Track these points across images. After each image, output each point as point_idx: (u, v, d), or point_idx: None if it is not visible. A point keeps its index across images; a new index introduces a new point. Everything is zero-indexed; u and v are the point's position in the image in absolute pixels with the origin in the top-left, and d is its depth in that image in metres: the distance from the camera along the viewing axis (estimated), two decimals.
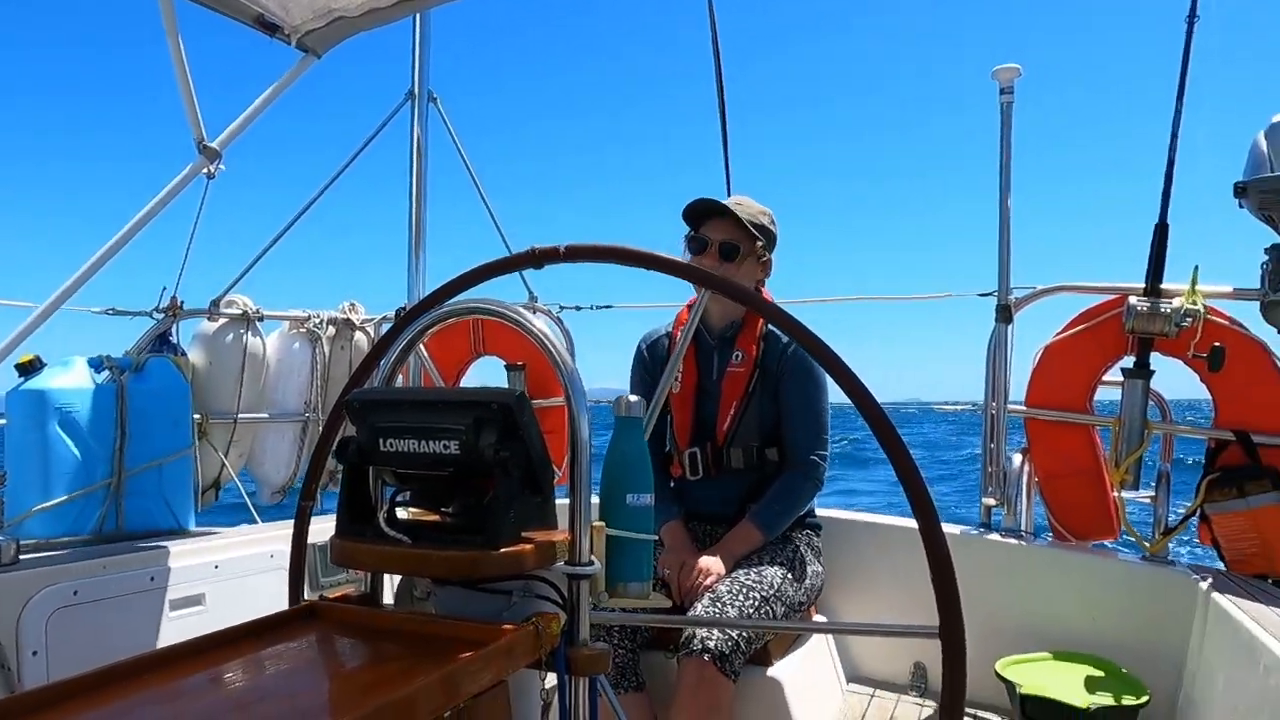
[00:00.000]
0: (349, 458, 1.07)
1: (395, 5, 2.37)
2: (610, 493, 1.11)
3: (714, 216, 2.15)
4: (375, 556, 1.05)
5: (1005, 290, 2.71)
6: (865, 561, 2.61)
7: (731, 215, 2.12)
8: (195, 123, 2.33)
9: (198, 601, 2.15)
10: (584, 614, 1.06)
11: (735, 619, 1.82)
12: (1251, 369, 2.31)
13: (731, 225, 2.13)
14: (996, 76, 2.70)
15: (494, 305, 1.16)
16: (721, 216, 2.14)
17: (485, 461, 0.99)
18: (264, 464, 3.19)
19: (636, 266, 1.18)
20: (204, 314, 2.94)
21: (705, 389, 2.23)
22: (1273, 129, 2.28)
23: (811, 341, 1.10)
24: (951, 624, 0.99)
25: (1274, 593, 2.03)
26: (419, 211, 3.26)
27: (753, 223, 2.13)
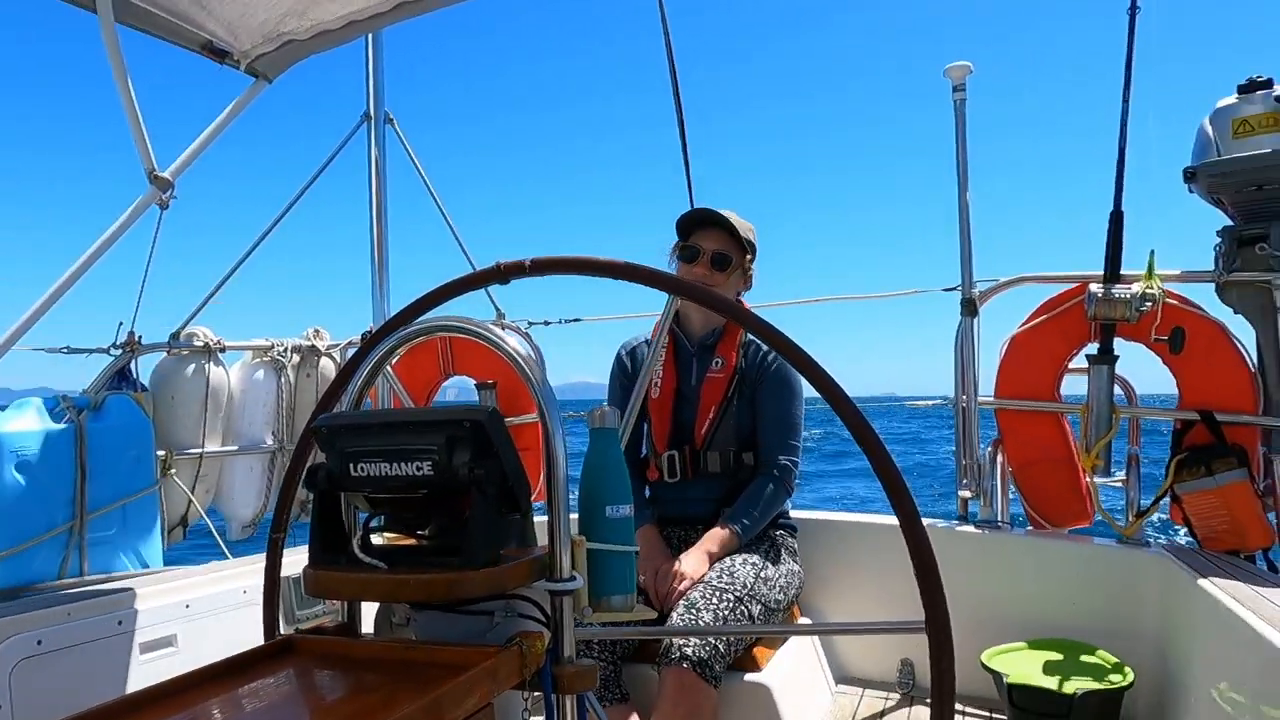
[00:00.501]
0: (319, 485, 1.05)
1: (345, 27, 2.35)
2: (589, 506, 1.09)
3: (706, 226, 2.18)
4: (351, 584, 1.02)
5: (969, 284, 2.74)
6: (845, 560, 2.61)
7: (724, 226, 2.16)
8: (145, 152, 2.28)
9: (169, 643, 2.09)
10: (568, 631, 1.04)
11: (713, 624, 1.82)
12: (1211, 349, 2.35)
13: (723, 236, 2.17)
14: (949, 74, 2.73)
15: (463, 322, 1.14)
16: (714, 227, 2.17)
17: (460, 481, 0.97)
18: (232, 498, 3.12)
19: (604, 276, 1.17)
20: (163, 348, 2.87)
21: (684, 394, 2.24)
22: (1217, 114, 2.34)
23: (785, 344, 1.09)
24: (937, 618, 0.99)
25: (1246, 568, 2.06)
26: (380, 233, 3.23)
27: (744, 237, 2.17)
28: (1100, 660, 2.07)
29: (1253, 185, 2.26)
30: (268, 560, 1.35)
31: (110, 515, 2.33)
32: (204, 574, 2.32)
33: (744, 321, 1.13)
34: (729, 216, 2.18)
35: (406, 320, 1.22)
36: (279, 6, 2.22)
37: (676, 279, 1.23)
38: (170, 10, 2.21)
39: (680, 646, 1.77)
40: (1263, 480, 2.27)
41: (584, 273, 1.17)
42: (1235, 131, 2.28)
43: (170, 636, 2.10)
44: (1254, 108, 2.27)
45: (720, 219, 2.17)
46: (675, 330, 2.30)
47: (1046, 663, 2.07)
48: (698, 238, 2.18)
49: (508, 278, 1.21)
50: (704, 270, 2.15)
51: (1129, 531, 2.38)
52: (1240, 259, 2.29)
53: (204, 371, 2.92)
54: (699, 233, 2.19)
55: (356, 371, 1.21)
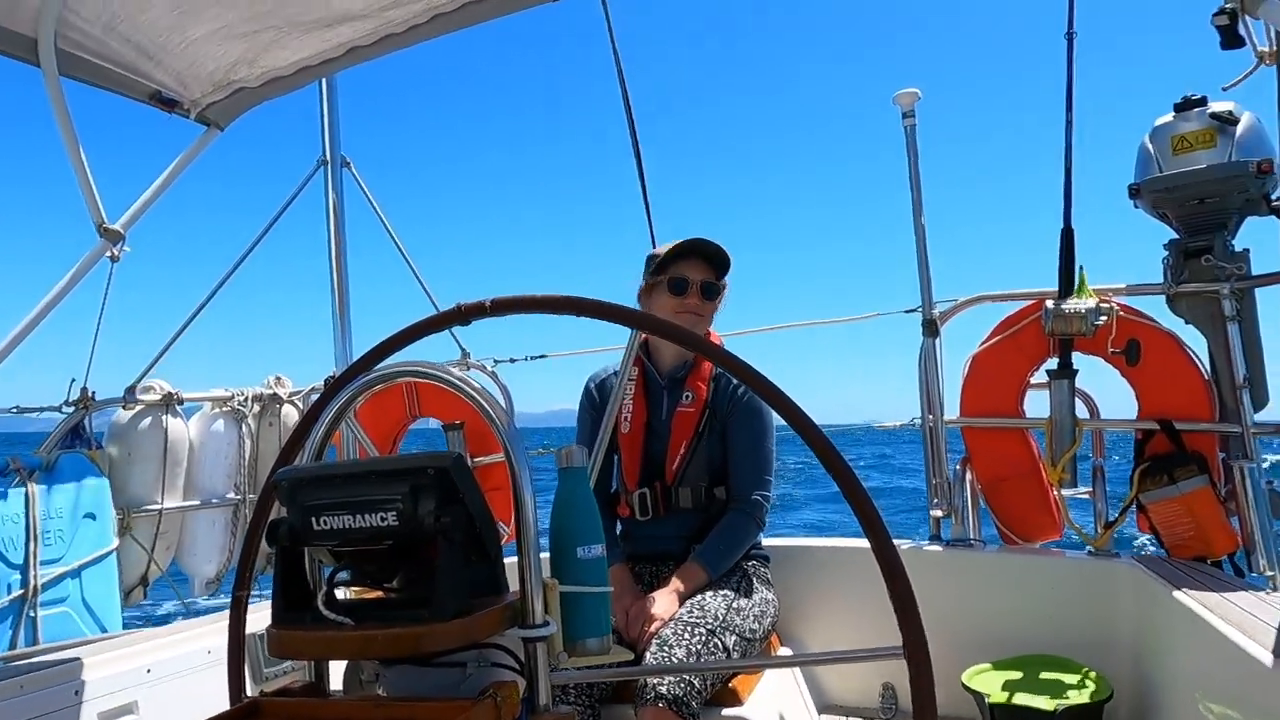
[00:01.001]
0: (280, 540, 1.02)
1: (298, 73, 2.34)
2: (560, 547, 1.07)
3: (688, 256, 2.16)
4: (315, 644, 0.98)
5: (929, 305, 2.78)
6: (821, 586, 2.60)
7: (708, 254, 2.15)
8: (94, 205, 2.24)
9: (129, 710, 2.00)
10: (543, 678, 1.01)
11: (686, 659, 1.79)
12: (1166, 360, 2.41)
13: (705, 265, 2.15)
14: (898, 101, 2.79)
15: (425, 367, 1.12)
16: (696, 256, 2.16)
17: (425, 530, 0.95)
18: (194, 554, 3.04)
19: (565, 314, 1.16)
20: (119, 403, 2.80)
21: (654, 429, 2.22)
22: (1156, 132, 2.42)
23: (750, 375, 1.09)
24: (914, 642, 0.98)
25: (1213, 574, 2.09)
26: (340, 277, 3.20)
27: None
28: (1079, 675, 2.07)
29: (1194, 199, 2.34)
30: (231, 619, 1.31)
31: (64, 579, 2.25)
32: (166, 635, 2.23)
33: (710, 354, 1.12)
34: (717, 245, 2.17)
35: (367, 367, 1.19)
36: (228, 55, 2.21)
37: (638, 313, 1.22)
38: (116, 62, 2.19)
39: (655, 686, 1.74)
40: (1224, 485, 2.31)
41: (545, 311, 1.16)
42: (1174, 148, 2.36)
43: (130, 704, 2.01)
44: (1190, 125, 2.35)
45: (710, 249, 2.16)
46: (645, 363, 2.28)
47: (1026, 680, 2.07)
48: (682, 268, 2.15)
49: (469, 319, 1.19)
50: (696, 300, 2.14)
51: (1099, 543, 2.41)
52: (1188, 271, 2.36)
53: (161, 425, 2.85)
54: (682, 263, 2.16)
55: (316, 422, 1.18)
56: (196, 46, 2.18)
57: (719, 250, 2.16)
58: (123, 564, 2.69)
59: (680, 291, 2.14)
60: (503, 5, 2.04)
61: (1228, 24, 1.38)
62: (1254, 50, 1.56)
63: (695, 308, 2.14)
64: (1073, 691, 1.97)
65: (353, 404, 1.18)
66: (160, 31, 2.09)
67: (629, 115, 3.01)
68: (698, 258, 2.16)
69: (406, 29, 2.12)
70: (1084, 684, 2.01)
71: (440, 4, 2.03)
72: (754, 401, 2.16)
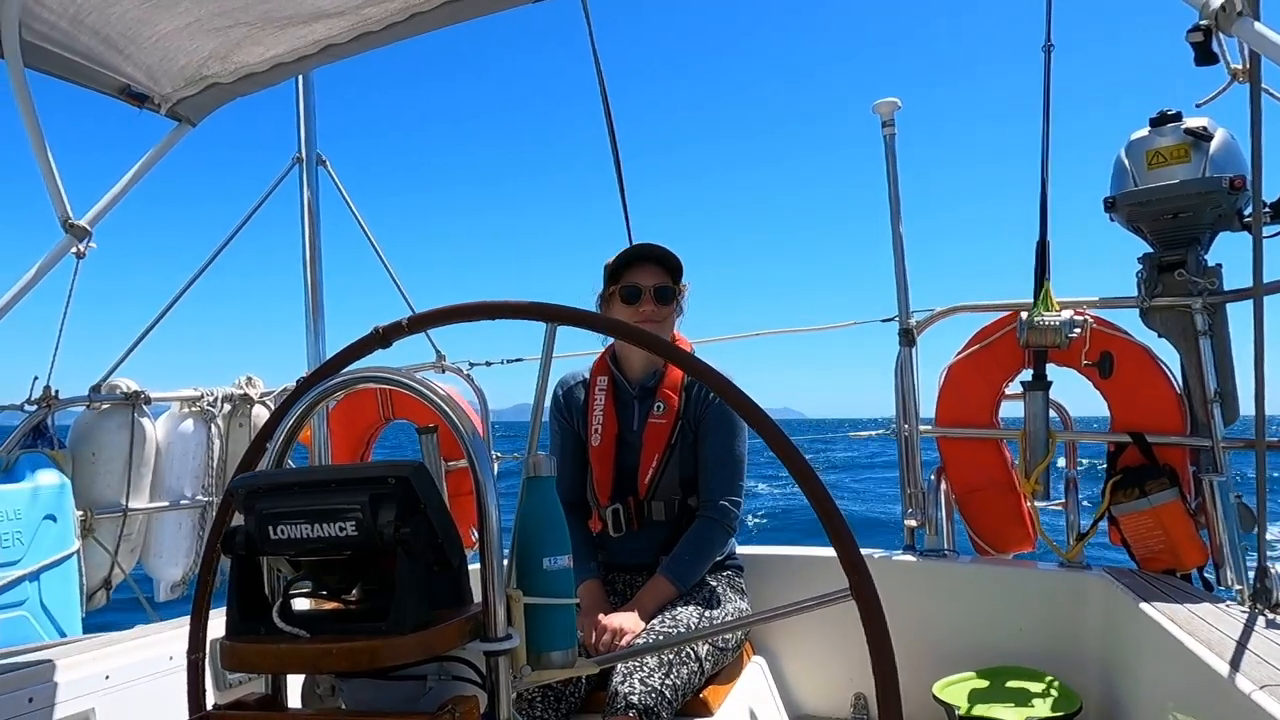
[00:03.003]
0: (235, 549, 0.99)
1: (271, 70, 2.30)
2: (525, 557, 1.05)
3: (640, 263, 2.13)
4: (269, 657, 0.96)
5: (905, 314, 2.78)
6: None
7: (658, 259, 2.12)
8: (59, 200, 2.19)
9: (86, 718, 1.96)
10: (505, 692, 0.99)
11: (658, 669, 1.77)
12: (1138, 373, 2.42)
13: (658, 270, 2.12)
14: (877, 110, 2.80)
15: (388, 373, 1.10)
16: (648, 261, 2.13)
17: (385, 540, 0.92)
18: (160, 557, 2.98)
19: (482, 319, 1.16)
20: (83, 401, 2.74)
21: (626, 441, 2.18)
22: (1131, 146, 2.44)
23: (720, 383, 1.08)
24: (883, 656, 0.97)
25: (1182, 588, 2.10)
26: (314, 276, 3.15)
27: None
28: (1048, 687, 2.07)
29: (1168, 213, 2.35)
30: (192, 624, 1.28)
31: (22, 582, 2.20)
32: (127, 641, 2.18)
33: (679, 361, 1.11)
34: (664, 248, 2.15)
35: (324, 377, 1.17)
36: (200, 50, 2.17)
37: (556, 307, 1.18)
38: (84, 55, 2.14)
39: (626, 695, 1.72)
40: (1194, 499, 2.33)
41: (466, 319, 1.16)
42: (1149, 162, 2.37)
43: (88, 711, 1.96)
44: (1165, 139, 2.37)
45: (657, 252, 2.13)
46: (614, 372, 2.25)
47: (996, 692, 2.07)
48: (634, 275, 2.12)
49: (389, 340, 1.19)
50: (651, 307, 2.10)
51: (1070, 555, 2.41)
52: (1161, 284, 2.37)
53: (128, 424, 2.79)
54: (633, 270, 2.13)
55: (278, 428, 1.16)
56: (167, 40, 2.13)
57: (666, 253, 2.13)
58: (85, 567, 2.63)
59: (633, 299, 2.11)
60: (481, 5, 2.02)
61: (1202, 40, 1.39)
62: (1227, 67, 1.57)
63: (651, 314, 2.09)
64: (1041, 703, 1.97)
65: (315, 410, 1.16)
66: (129, 24, 2.05)
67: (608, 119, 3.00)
68: (647, 263, 2.13)
69: (383, 27, 2.09)
70: (1053, 696, 2.01)
71: (417, 3, 2.00)
72: (724, 405, 2.13)
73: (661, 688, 1.75)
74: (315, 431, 3.04)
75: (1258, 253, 1.81)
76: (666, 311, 2.13)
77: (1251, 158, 1.74)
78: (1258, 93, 1.60)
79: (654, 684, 1.74)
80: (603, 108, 2.97)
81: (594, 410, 2.20)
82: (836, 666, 2.50)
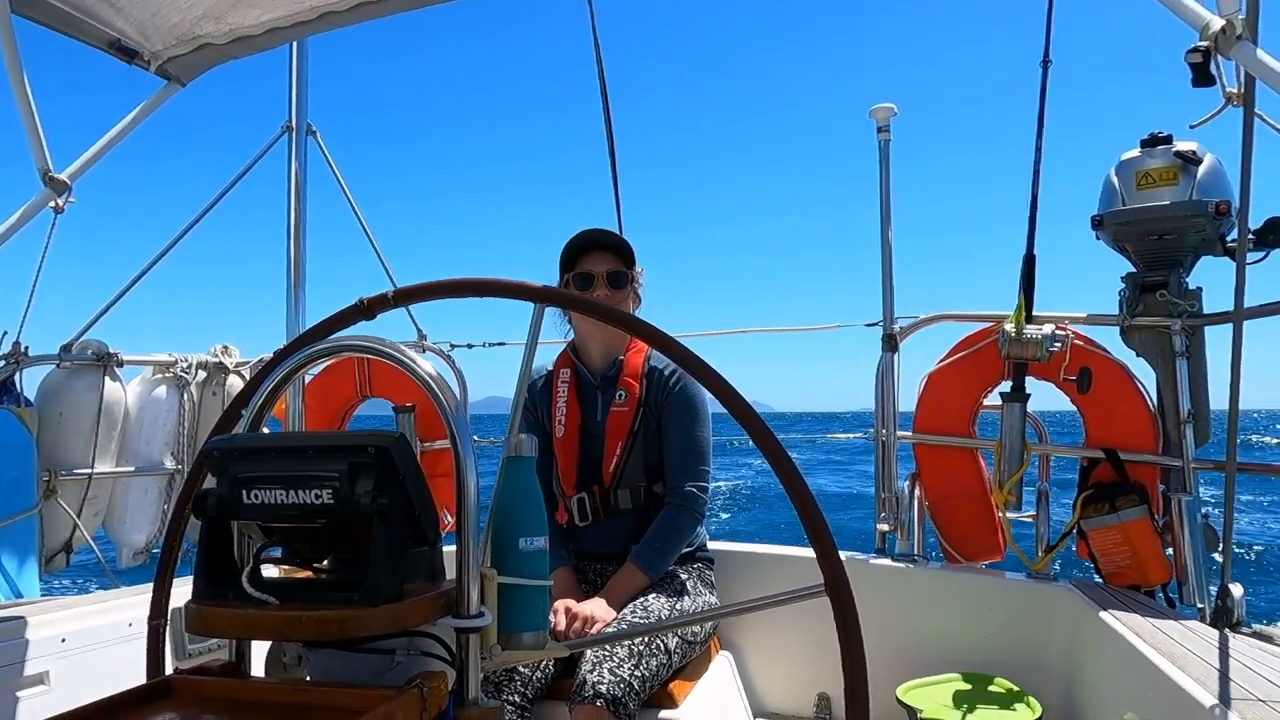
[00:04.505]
0: (207, 512, 0.97)
1: (266, 34, 2.26)
2: (501, 537, 1.04)
3: (590, 251, 2.13)
4: (237, 621, 0.94)
5: (890, 320, 2.79)
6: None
7: (608, 245, 2.13)
8: (40, 151, 2.14)
9: (40, 681, 1.92)
10: (474, 670, 0.98)
11: (628, 660, 1.77)
12: (1115, 390, 2.45)
13: (609, 256, 2.13)
14: (874, 115, 2.81)
15: (374, 343, 1.08)
16: (598, 249, 2.13)
17: (362, 511, 0.91)
18: (124, 522, 2.93)
19: (467, 296, 1.15)
20: (53, 360, 2.69)
21: (589, 431, 2.18)
22: (1121, 165, 2.46)
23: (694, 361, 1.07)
24: (852, 653, 0.97)
25: (1146, 603, 2.13)
26: (298, 248, 3.10)
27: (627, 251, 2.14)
28: (1010, 694, 2.09)
29: (1154, 234, 2.38)
30: (155, 590, 1.25)
31: None
32: (85, 605, 2.15)
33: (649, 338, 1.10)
34: (613, 233, 2.16)
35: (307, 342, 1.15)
36: (194, 8, 2.13)
37: (545, 288, 1.17)
38: (74, 4, 2.09)
39: (594, 684, 1.71)
40: (1161, 517, 2.36)
41: (451, 295, 1.15)
42: (1139, 183, 2.40)
43: (42, 674, 1.93)
44: (1155, 161, 2.39)
45: (608, 239, 2.14)
46: (576, 363, 2.24)
47: (959, 698, 2.08)
48: (586, 263, 2.12)
49: (373, 312, 1.17)
50: (605, 293, 2.10)
51: (1038, 566, 2.44)
52: (1143, 304, 2.40)
53: (97, 386, 2.74)
54: (584, 259, 2.13)
55: (256, 392, 1.14)
56: None
57: (617, 239, 2.14)
58: (46, 529, 2.59)
59: (586, 287, 2.11)
60: None
61: (1200, 61, 1.40)
62: (1223, 90, 1.58)
63: (605, 300, 2.09)
64: (1003, 711, 1.99)
65: (295, 376, 1.14)
66: None
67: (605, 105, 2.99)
68: (597, 250, 2.14)
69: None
70: (1015, 704, 2.03)
71: None
72: (686, 390, 2.14)
73: (630, 678, 1.74)
74: (290, 404, 3.00)
75: (1240, 277, 1.84)
76: (621, 296, 2.13)
77: (1241, 182, 1.76)
78: (1250, 117, 1.62)
79: (623, 674, 1.74)
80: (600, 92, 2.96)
81: (557, 402, 2.20)
82: (802, 666, 2.51)
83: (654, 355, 2.18)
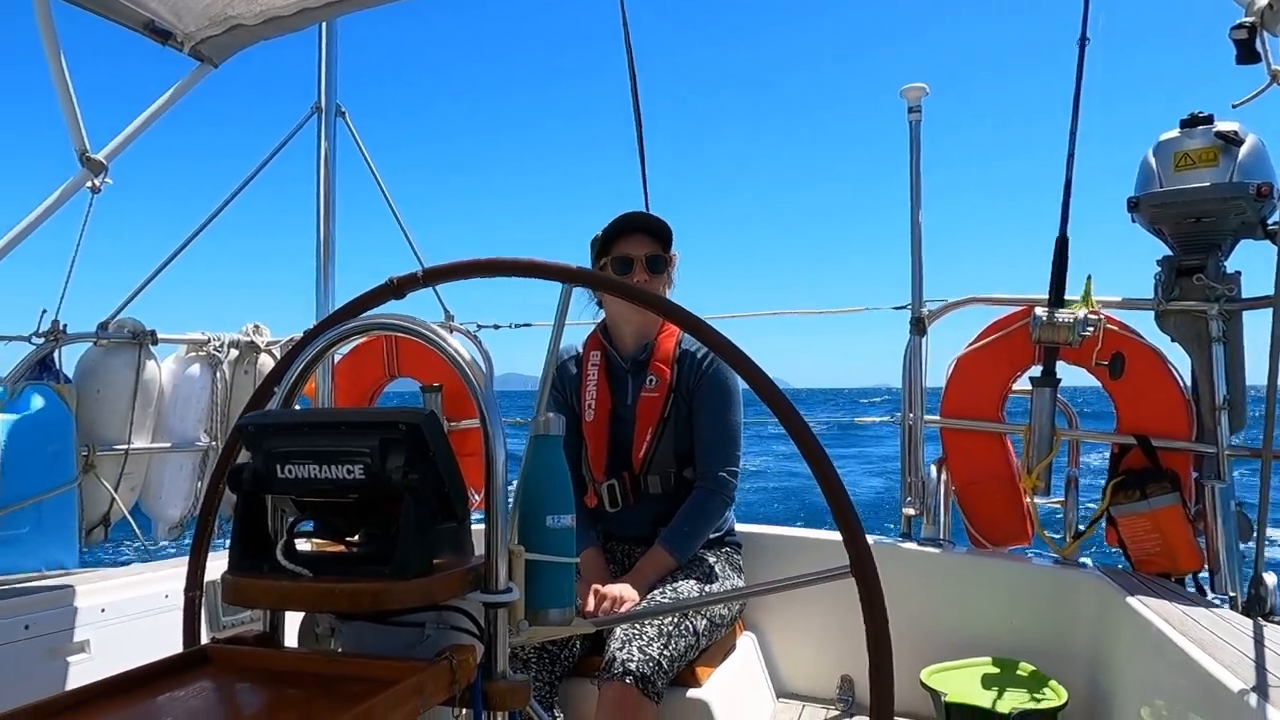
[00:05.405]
0: (242, 486, 0.99)
1: (298, 14, 2.27)
2: (528, 515, 1.05)
3: (628, 234, 2.12)
4: (272, 593, 0.96)
5: (919, 303, 2.77)
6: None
7: (650, 229, 2.11)
8: (77, 132, 2.18)
9: (82, 649, 1.98)
10: (502, 644, 1.00)
11: (657, 639, 1.78)
12: (1149, 376, 2.41)
13: (647, 239, 2.11)
14: (905, 95, 2.76)
15: (404, 321, 1.10)
16: (636, 231, 2.12)
17: (392, 486, 0.92)
18: (160, 497, 3.00)
19: (497, 275, 1.15)
20: (90, 338, 2.74)
21: (620, 415, 2.17)
22: (1160, 146, 2.40)
23: (725, 346, 1.07)
24: (878, 637, 0.97)
25: (1176, 590, 2.10)
26: (327, 229, 3.13)
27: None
28: (1036, 679, 2.09)
29: (1191, 217, 2.33)
30: (190, 563, 1.28)
31: (23, 513, 2.21)
32: (123, 577, 2.21)
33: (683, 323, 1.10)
34: (654, 216, 2.13)
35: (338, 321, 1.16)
36: None
37: (576, 268, 1.17)
38: None
39: (624, 662, 1.73)
40: (1194, 505, 2.32)
41: (480, 275, 1.15)
42: (1177, 164, 2.34)
43: (83, 642, 1.99)
44: (1195, 142, 2.34)
45: (649, 222, 2.11)
46: (606, 347, 2.23)
47: (984, 682, 2.08)
48: (625, 246, 2.10)
49: (403, 291, 1.18)
50: (644, 277, 2.08)
51: (1066, 552, 2.42)
52: (1179, 288, 2.35)
53: (134, 364, 2.79)
54: (623, 242, 2.11)
55: (288, 370, 1.15)
56: None
57: (657, 221, 2.12)
58: (85, 503, 2.65)
59: (625, 270, 2.09)
60: None
61: (1246, 38, 1.36)
62: (1268, 68, 1.54)
63: (644, 285, 2.07)
64: (1028, 696, 1.98)
65: (327, 354, 1.16)
66: None
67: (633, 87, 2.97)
68: (637, 233, 2.12)
69: None
70: (1040, 689, 2.02)
71: None
72: (718, 375, 2.12)
73: (659, 657, 1.76)
74: (320, 383, 3.05)
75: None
76: (659, 281, 2.12)
77: None
78: None
79: (652, 653, 1.75)
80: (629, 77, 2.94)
81: (587, 385, 2.19)
82: (825, 648, 2.52)
83: (685, 339, 2.18)
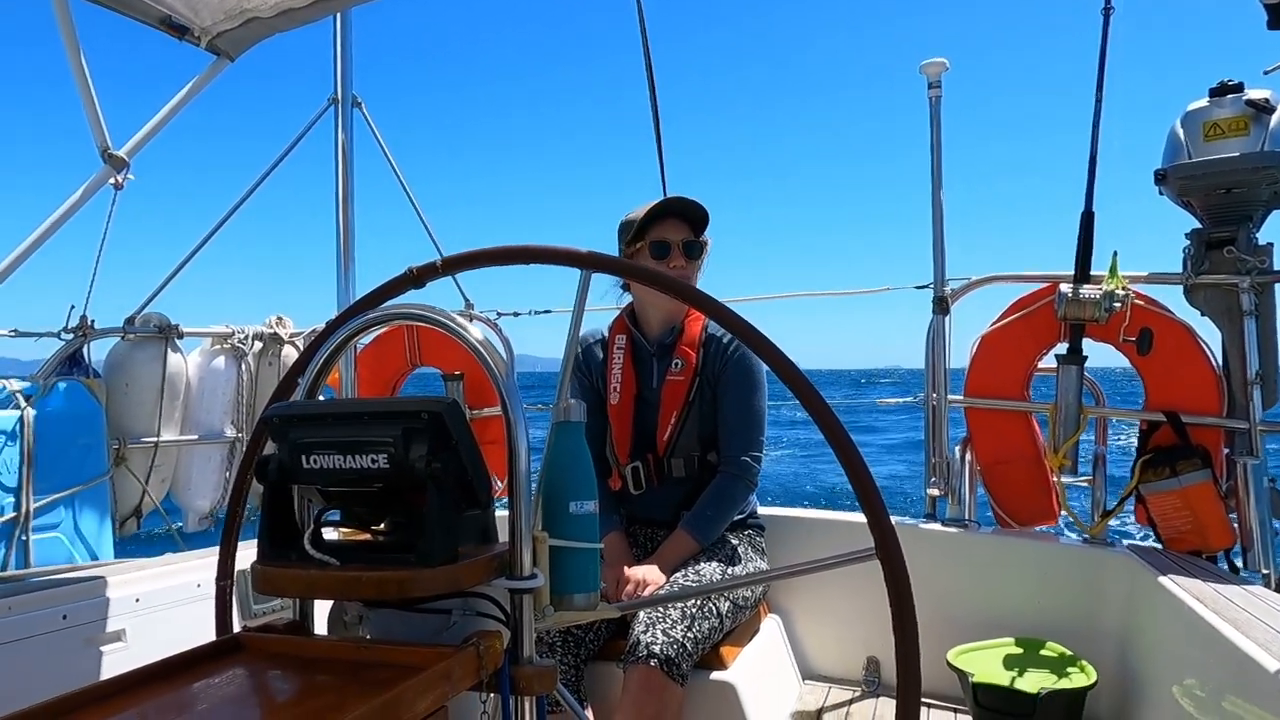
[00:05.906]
0: (269, 476, 1.00)
1: (312, 5, 2.27)
2: (551, 501, 1.06)
3: (665, 218, 2.11)
4: (300, 582, 0.97)
5: (941, 282, 2.74)
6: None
7: (688, 215, 2.10)
8: (99, 129, 2.20)
9: (118, 638, 2.02)
10: (528, 630, 1.00)
11: (680, 621, 1.79)
12: (1177, 351, 2.37)
13: (683, 224, 2.10)
14: (924, 71, 2.72)
15: (425, 310, 1.10)
16: (673, 216, 2.11)
17: (416, 475, 0.93)
18: (189, 488, 3.04)
19: (516, 264, 1.15)
20: (118, 333, 2.78)
21: (645, 399, 2.18)
22: (1188, 117, 2.35)
23: (747, 331, 1.07)
24: (904, 618, 0.97)
25: (1208, 568, 2.08)
26: (346, 220, 3.15)
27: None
28: (1064, 659, 2.07)
29: (1221, 188, 2.28)
30: (221, 553, 1.30)
31: (57, 505, 2.25)
32: (157, 567, 2.24)
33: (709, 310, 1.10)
34: (692, 201, 2.12)
35: (359, 311, 1.17)
36: None
37: (595, 254, 1.16)
38: None
39: (648, 644, 1.74)
40: (1225, 482, 2.29)
41: (498, 263, 1.15)
42: (1206, 135, 2.29)
43: (119, 631, 2.03)
44: (1224, 111, 2.28)
45: (688, 207, 2.10)
46: (633, 330, 2.23)
47: (1011, 662, 2.07)
48: (663, 230, 2.10)
49: (422, 281, 1.19)
50: (681, 262, 2.08)
51: (1094, 531, 2.39)
52: (1208, 261, 2.31)
53: (160, 357, 2.83)
54: (659, 226, 2.10)
55: (311, 361, 1.16)
56: None
57: (697, 207, 2.10)
58: (117, 495, 2.70)
59: (663, 255, 2.09)
60: None
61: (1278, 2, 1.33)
62: None
63: (680, 270, 2.08)
64: (1056, 676, 1.97)
65: (350, 344, 1.16)
66: None
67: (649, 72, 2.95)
68: (675, 218, 2.11)
69: None
70: (1069, 669, 2.01)
71: None
72: (743, 360, 2.12)
73: (684, 640, 1.77)
74: (343, 373, 3.07)
75: None
76: (695, 266, 2.12)
77: None
78: None
79: (676, 635, 1.76)
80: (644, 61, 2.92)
81: (613, 368, 2.20)
82: (851, 630, 2.51)
83: (711, 324, 2.17)
